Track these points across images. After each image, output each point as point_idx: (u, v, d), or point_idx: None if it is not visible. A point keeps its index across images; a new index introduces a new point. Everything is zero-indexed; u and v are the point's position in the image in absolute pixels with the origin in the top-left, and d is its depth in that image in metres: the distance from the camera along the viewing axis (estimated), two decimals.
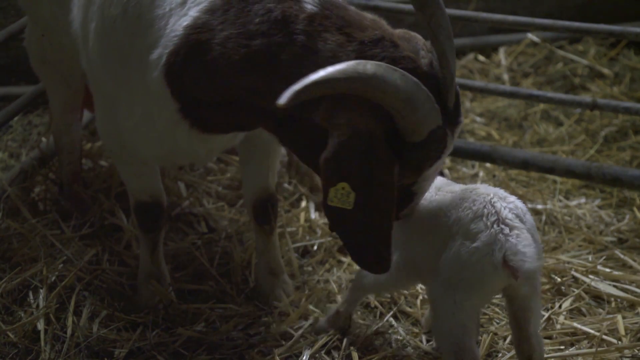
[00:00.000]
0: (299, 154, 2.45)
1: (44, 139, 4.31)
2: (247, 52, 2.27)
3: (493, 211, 2.33)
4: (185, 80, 2.43)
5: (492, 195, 2.38)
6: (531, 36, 5.76)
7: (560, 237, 3.53)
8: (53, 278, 3.12)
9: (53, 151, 4.05)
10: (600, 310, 3.02)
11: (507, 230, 2.29)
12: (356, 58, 2.11)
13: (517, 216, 2.34)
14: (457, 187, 2.54)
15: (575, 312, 3.01)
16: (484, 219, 2.32)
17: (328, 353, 2.81)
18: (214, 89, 2.41)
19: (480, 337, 2.82)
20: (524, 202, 2.44)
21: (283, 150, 3.71)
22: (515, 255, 2.26)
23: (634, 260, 3.29)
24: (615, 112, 4.16)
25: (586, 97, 4.05)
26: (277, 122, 2.35)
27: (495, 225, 2.30)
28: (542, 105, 4.96)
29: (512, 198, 2.41)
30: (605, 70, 5.39)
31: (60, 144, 3.79)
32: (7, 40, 4.23)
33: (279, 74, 2.23)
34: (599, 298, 3.11)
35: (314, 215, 3.71)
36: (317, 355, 2.79)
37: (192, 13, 2.35)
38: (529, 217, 2.39)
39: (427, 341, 2.87)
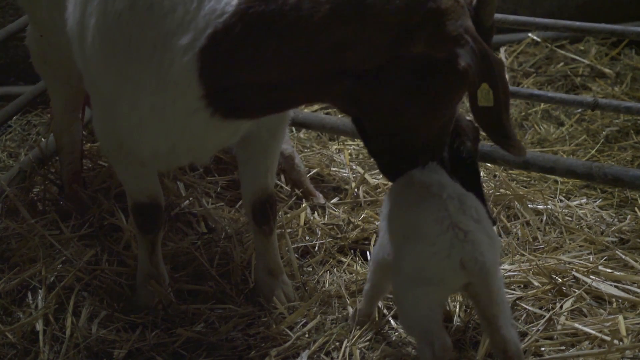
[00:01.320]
0: (383, 108, 2.39)
1: (43, 139, 4.30)
2: (331, 6, 2.21)
3: (446, 215, 2.41)
4: (232, 63, 2.34)
5: (444, 196, 2.45)
6: (532, 36, 5.76)
7: (561, 237, 3.52)
8: (52, 278, 3.12)
9: (52, 151, 4.05)
10: (602, 310, 3.00)
11: (461, 235, 2.39)
12: None
13: (470, 216, 2.44)
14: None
15: (576, 313, 2.99)
16: (439, 223, 2.41)
17: (327, 354, 2.80)
18: (282, 68, 2.32)
19: (479, 337, 2.82)
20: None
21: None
22: (471, 261, 2.38)
23: (636, 261, 3.28)
24: (616, 112, 4.15)
25: (587, 97, 4.04)
26: (356, 85, 2.31)
27: (449, 230, 2.39)
28: (543, 105, 4.95)
29: (465, 196, 2.50)
30: (607, 70, 5.38)
31: (60, 144, 3.78)
32: (5, 40, 4.23)
33: (367, 17, 2.21)
34: (600, 299, 3.09)
35: (312, 216, 3.70)
36: (315, 356, 2.78)
37: None
38: (481, 211, 2.49)
39: None
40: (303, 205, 3.75)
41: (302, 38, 2.27)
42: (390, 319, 2.96)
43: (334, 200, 3.87)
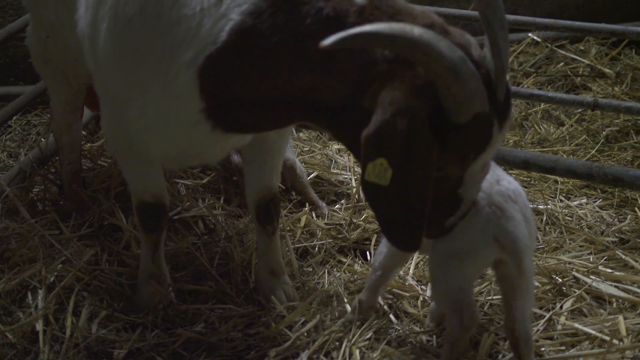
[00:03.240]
0: (351, 147, 2.43)
1: (43, 139, 4.30)
2: (303, 54, 2.26)
3: (484, 195, 2.46)
4: (225, 82, 2.40)
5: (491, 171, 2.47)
6: (532, 36, 5.76)
7: (561, 237, 3.52)
8: (52, 278, 3.11)
9: (52, 151, 4.05)
10: (602, 310, 3.00)
11: (498, 213, 2.45)
12: None
13: (509, 198, 2.48)
14: None
15: (576, 313, 2.99)
16: (477, 200, 2.45)
17: (327, 354, 2.80)
18: (263, 90, 2.38)
19: (480, 337, 2.82)
20: None
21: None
22: (504, 237, 2.44)
23: (636, 261, 3.28)
24: (616, 111, 4.16)
25: (587, 97, 4.04)
26: (330, 116, 2.34)
27: (487, 208, 2.45)
28: (543, 105, 4.95)
29: (506, 180, 2.53)
30: (607, 70, 5.38)
31: (60, 143, 3.78)
32: (5, 39, 4.23)
33: (335, 69, 2.25)
34: (600, 299, 3.09)
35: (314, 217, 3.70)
36: (314, 356, 2.78)
37: (234, 16, 2.31)
38: (522, 198, 2.52)
39: (427, 341, 2.86)
40: (304, 209, 3.75)
41: (279, 77, 2.33)
42: (391, 316, 2.96)
43: (337, 207, 3.86)
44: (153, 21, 2.43)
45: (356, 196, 3.86)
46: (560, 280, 3.14)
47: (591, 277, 3.15)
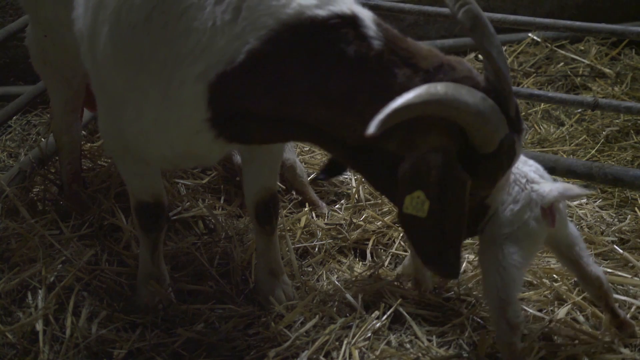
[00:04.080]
0: (368, 178, 2.57)
1: (43, 139, 4.29)
2: (322, 90, 2.32)
3: (522, 174, 2.65)
4: (238, 100, 2.41)
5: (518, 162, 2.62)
6: (532, 36, 5.76)
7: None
8: (52, 278, 3.11)
9: (52, 151, 4.05)
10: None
11: (536, 187, 2.64)
12: None
13: (540, 174, 2.71)
14: None
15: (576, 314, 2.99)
16: (518, 182, 2.64)
17: (327, 354, 2.80)
18: (278, 113, 2.42)
19: (478, 337, 2.82)
20: None
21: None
22: (546, 198, 2.61)
23: (637, 261, 3.28)
24: (616, 111, 4.15)
25: (587, 97, 4.03)
26: (348, 151, 2.42)
27: (527, 186, 2.64)
28: (543, 105, 4.95)
29: (531, 161, 2.75)
30: (607, 70, 5.38)
31: (60, 144, 3.78)
32: (5, 39, 4.23)
33: (354, 111, 2.31)
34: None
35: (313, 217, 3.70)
36: (314, 356, 2.77)
37: (251, 39, 2.32)
38: (546, 174, 2.74)
39: (428, 340, 2.86)
40: (305, 210, 3.75)
41: (292, 106, 2.38)
42: (390, 317, 2.96)
43: (337, 207, 3.86)
44: (158, 30, 2.42)
45: (356, 196, 3.86)
46: (560, 281, 3.14)
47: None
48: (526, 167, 2.70)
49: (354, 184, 4.00)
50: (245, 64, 2.34)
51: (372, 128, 2.10)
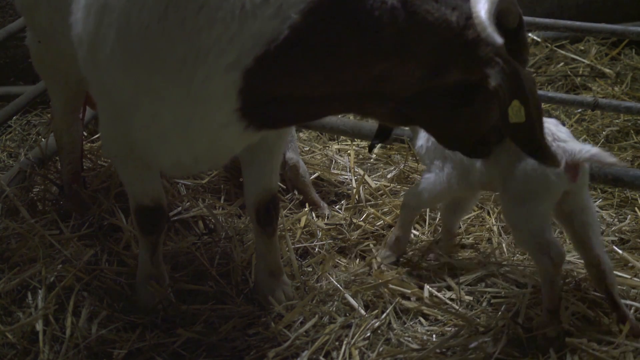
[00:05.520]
0: (430, 123, 2.58)
1: (43, 139, 4.29)
2: (375, 44, 2.31)
3: (549, 132, 2.77)
4: (278, 81, 2.38)
5: (547, 122, 2.73)
6: (532, 36, 5.75)
7: (561, 237, 3.52)
8: (52, 278, 3.11)
9: (52, 151, 4.05)
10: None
11: (562, 144, 2.78)
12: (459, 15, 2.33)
13: (568, 135, 2.85)
14: None
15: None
16: None
17: (327, 354, 2.80)
18: (326, 87, 2.40)
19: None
20: None
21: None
22: (573, 154, 2.75)
23: (637, 261, 3.28)
24: (616, 112, 4.15)
25: (587, 97, 4.04)
26: (401, 105, 2.44)
27: (553, 143, 2.75)
28: (543, 105, 4.93)
29: (563, 127, 2.89)
30: (607, 70, 5.38)
31: (60, 144, 3.78)
32: (5, 39, 4.23)
33: (411, 52, 2.32)
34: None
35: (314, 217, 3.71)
36: (314, 356, 2.78)
37: (292, 14, 2.28)
38: (572, 138, 2.87)
39: (427, 340, 2.86)
40: (305, 210, 3.75)
41: (345, 69, 2.36)
42: (390, 317, 2.96)
43: (337, 207, 3.86)
44: (175, 28, 2.37)
45: (356, 196, 3.86)
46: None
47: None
48: (553, 127, 2.82)
49: (354, 184, 4.00)
50: (289, 40, 2.29)
51: (493, 37, 2.22)
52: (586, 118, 4.78)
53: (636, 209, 3.77)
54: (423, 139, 3.27)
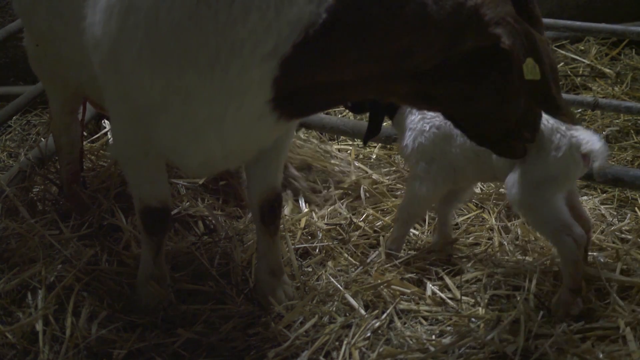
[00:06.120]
0: (451, 94, 2.56)
1: (43, 139, 4.29)
2: (401, 18, 2.35)
3: (561, 124, 2.94)
4: (315, 67, 2.41)
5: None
6: None
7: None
8: (52, 278, 3.11)
9: (52, 151, 4.04)
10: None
11: (576, 134, 2.96)
12: None
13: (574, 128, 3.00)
14: None
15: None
16: (559, 130, 2.94)
17: (327, 354, 2.80)
18: (356, 67, 2.43)
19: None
20: None
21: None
22: (585, 146, 2.94)
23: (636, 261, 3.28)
24: (616, 111, 4.15)
25: (587, 97, 4.04)
26: (421, 79, 2.47)
27: (567, 133, 2.94)
28: None
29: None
30: (607, 70, 5.38)
31: (59, 144, 3.78)
32: (5, 39, 4.23)
33: (431, 22, 2.37)
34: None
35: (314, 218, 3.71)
36: (314, 357, 2.77)
37: None
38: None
39: (427, 339, 2.86)
40: (305, 210, 3.75)
41: (377, 45, 2.39)
42: (390, 317, 2.96)
43: (337, 206, 3.86)
44: (207, 22, 2.36)
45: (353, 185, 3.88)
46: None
47: None
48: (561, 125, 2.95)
49: (353, 178, 4.01)
50: (328, 23, 2.33)
51: None
52: (586, 118, 4.78)
53: (636, 209, 3.78)
54: (409, 138, 3.28)
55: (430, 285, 3.15)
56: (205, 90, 2.45)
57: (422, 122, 3.24)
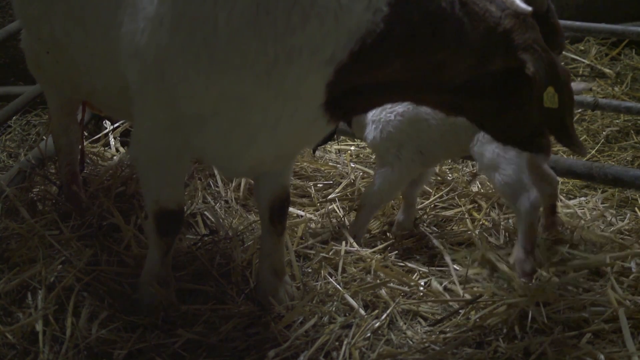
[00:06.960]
0: (476, 110, 2.68)
1: (43, 139, 4.29)
2: (440, 33, 2.44)
3: None
4: (361, 72, 2.46)
5: None
6: None
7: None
8: (52, 279, 3.11)
9: (52, 151, 4.04)
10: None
11: None
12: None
13: None
14: None
15: None
16: None
17: (327, 354, 2.80)
18: (401, 74, 2.50)
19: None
20: None
21: None
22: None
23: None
24: (616, 112, 4.16)
25: (587, 97, 4.04)
26: (453, 93, 2.56)
27: None
28: None
29: None
30: (607, 70, 5.38)
31: (58, 145, 3.77)
32: (5, 39, 4.23)
33: (465, 41, 2.47)
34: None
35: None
36: (314, 357, 2.77)
37: (383, 7, 2.38)
38: None
39: (427, 340, 2.86)
40: (303, 217, 3.75)
41: (416, 57, 2.47)
42: (389, 317, 2.97)
43: (336, 206, 3.86)
44: (266, 29, 2.38)
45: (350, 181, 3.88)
46: None
47: None
48: None
49: (352, 177, 4.01)
50: (383, 33, 2.39)
51: (521, 6, 2.43)
52: (586, 118, 4.79)
53: (636, 209, 3.78)
54: (376, 130, 3.42)
55: (434, 281, 3.16)
56: (261, 96, 2.48)
57: (383, 112, 3.40)
